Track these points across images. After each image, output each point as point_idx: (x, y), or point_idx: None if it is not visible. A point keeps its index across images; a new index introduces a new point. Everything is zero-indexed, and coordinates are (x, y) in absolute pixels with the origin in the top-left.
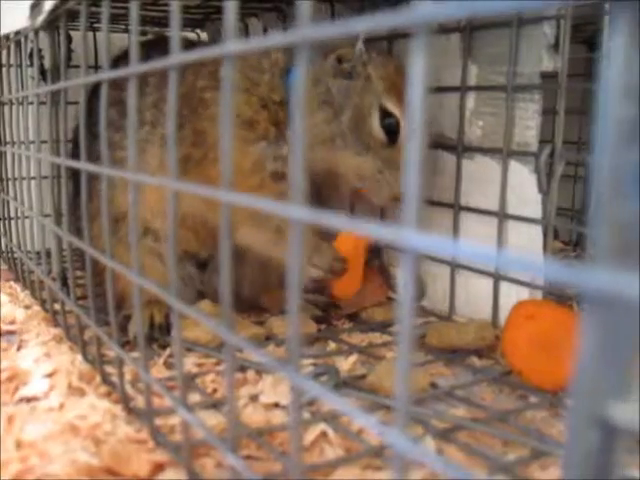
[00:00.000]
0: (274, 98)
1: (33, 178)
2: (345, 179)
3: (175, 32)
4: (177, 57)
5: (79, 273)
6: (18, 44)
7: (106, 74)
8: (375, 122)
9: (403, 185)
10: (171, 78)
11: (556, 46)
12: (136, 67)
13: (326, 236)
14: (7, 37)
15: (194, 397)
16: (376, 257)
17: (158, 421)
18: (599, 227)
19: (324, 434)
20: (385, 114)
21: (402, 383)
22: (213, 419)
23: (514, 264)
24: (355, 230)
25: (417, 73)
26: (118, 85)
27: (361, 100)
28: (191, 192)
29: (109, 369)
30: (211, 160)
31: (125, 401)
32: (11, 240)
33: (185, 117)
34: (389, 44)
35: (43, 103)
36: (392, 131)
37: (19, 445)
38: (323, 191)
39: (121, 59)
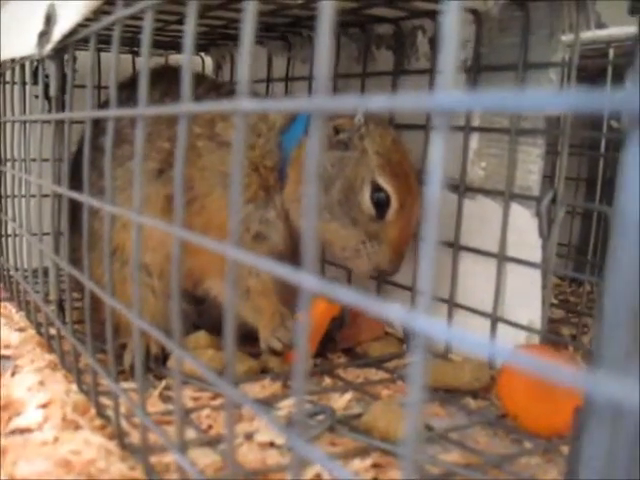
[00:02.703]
0: (266, 163)
1: (33, 196)
2: (330, 249)
3: (186, 80)
4: (187, 106)
5: (76, 295)
6: (23, 66)
7: (113, 112)
8: (366, 196)
9: (389, 260)
10: (181, 125)
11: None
12: (144, 109)
13: (292, 306)
14: (12, 59)
15: (189, 433)
16: (340, 326)
17: (153, 459)
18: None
19: (318, 476)
20: (376, 188)
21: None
22: (208, 458)
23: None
24: (365, 310)
25: (436, 161)
26: None
27: (354, 173)
28: (194, 242)
29: (104, 400)
30: (196, 210)
31: (120, 436)
32: (7, 260)
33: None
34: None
35: (47, 122)
36: (381, 205)
37: None
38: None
39: (125, 87)
